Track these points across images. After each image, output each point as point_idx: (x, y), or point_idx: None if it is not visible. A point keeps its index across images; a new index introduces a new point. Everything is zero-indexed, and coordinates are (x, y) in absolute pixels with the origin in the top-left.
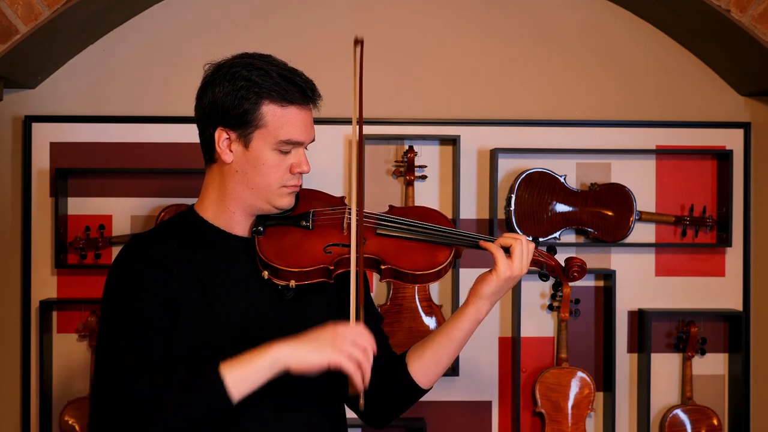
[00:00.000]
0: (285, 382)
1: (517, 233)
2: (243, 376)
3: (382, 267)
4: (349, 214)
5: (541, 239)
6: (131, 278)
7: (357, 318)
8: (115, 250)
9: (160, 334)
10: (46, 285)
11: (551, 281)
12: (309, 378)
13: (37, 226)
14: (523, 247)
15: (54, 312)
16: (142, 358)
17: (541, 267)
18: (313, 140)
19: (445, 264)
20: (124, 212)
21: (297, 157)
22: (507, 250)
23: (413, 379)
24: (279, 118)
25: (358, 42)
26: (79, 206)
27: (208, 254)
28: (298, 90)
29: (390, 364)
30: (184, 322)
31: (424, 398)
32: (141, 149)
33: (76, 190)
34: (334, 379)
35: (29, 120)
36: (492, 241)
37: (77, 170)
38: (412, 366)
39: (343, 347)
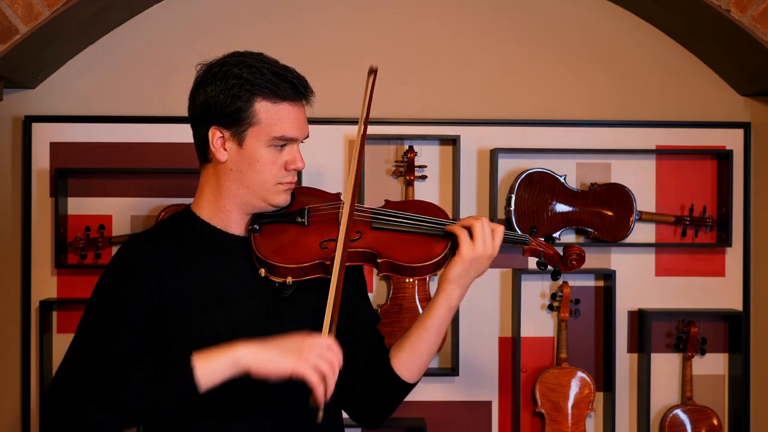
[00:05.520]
0: (279, 387)
1: (480, 215)
2: (210, 367)
3: (379, 261)
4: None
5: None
6: (119, 277)
7: (330, 331)
8: (115, 250)
9: (137, 336)
10: (46, 285)
11: (550, 271)
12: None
13: (37, 226)
14: (483, 226)
15: (54, 312)
16: (115, 353)
17: (540, 256)
18: (307, 136)
19: (441, 255)
20: (124, 212)
21: (291, 154)
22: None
23: (396, 373)
24: (272, 114)
25: (373, 71)
26: (79, 206)
27: (204, 253)
28: (291, 86)
29: (375, 361)
30: (178, 322)
31: (424, 398)
32: (141, 149)
33: (76, 190)
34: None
35: (29, 120)
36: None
37: (77, 170)
38: (394, 361)
39: (309, 358)
